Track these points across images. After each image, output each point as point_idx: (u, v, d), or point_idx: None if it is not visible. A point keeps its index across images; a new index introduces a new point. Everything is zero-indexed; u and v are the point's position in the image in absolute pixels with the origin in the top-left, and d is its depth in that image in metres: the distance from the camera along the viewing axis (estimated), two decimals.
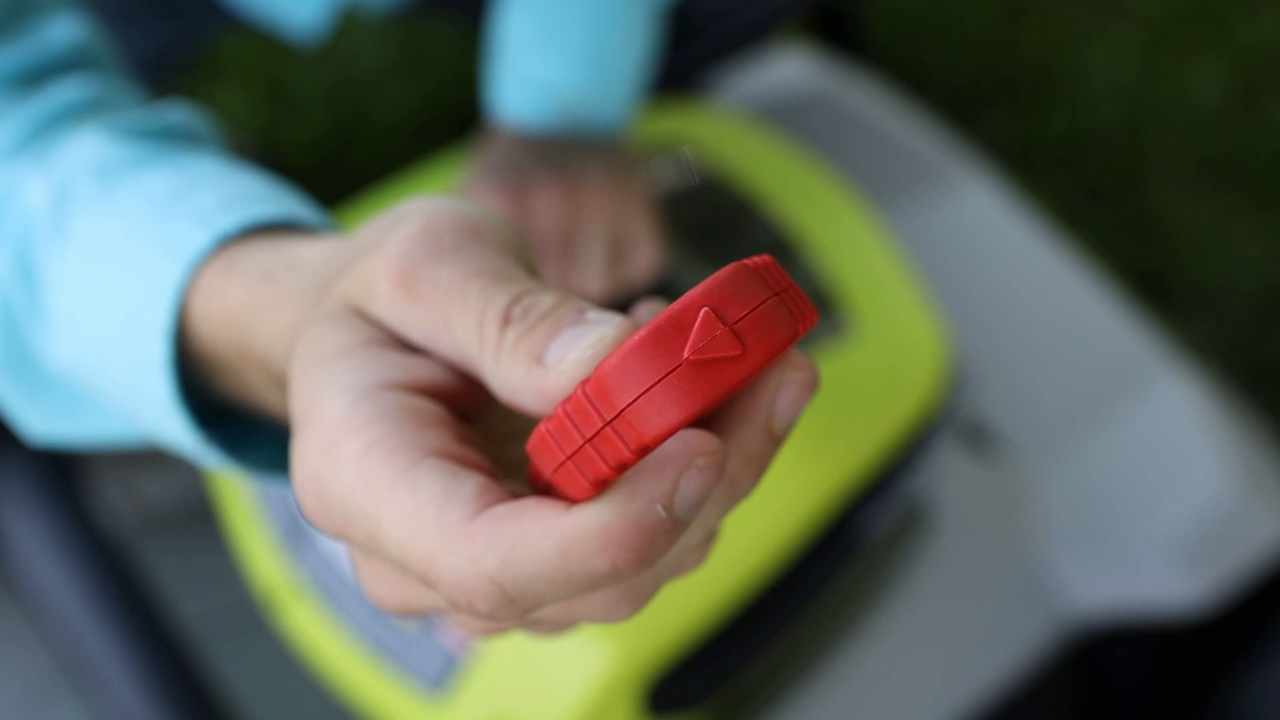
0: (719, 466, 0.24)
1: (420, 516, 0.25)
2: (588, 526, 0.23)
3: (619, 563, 0.23)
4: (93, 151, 0.36)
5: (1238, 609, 0.87)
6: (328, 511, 0.27)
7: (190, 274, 0.32)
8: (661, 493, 0.23)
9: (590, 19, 0.66)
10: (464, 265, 0.27)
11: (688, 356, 0.23)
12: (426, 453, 0.26)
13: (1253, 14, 1.58)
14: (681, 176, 0.76)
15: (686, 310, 0.23)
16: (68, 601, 0.67)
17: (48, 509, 0.69)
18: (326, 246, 0.31)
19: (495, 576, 0.24)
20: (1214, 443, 0.86)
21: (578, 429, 0.24)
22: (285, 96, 1.44)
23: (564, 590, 0.24)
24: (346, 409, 0.26)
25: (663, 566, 0.27)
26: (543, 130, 0.67)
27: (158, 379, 0.33)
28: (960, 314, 0.92)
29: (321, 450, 0.26)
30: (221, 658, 0.69)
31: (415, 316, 0.27)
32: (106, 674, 0.66)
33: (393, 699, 0.62)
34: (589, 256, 0.66)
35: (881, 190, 0.96)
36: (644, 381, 0.23)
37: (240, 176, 0.35)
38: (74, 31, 0.42)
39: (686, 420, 0.23)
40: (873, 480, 0.68)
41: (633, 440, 0.23)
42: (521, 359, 0.26)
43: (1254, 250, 1.40)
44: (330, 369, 0.27)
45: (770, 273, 0.25)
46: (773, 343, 0.24)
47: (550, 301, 0.27)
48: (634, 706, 0.61)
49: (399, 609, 0.28)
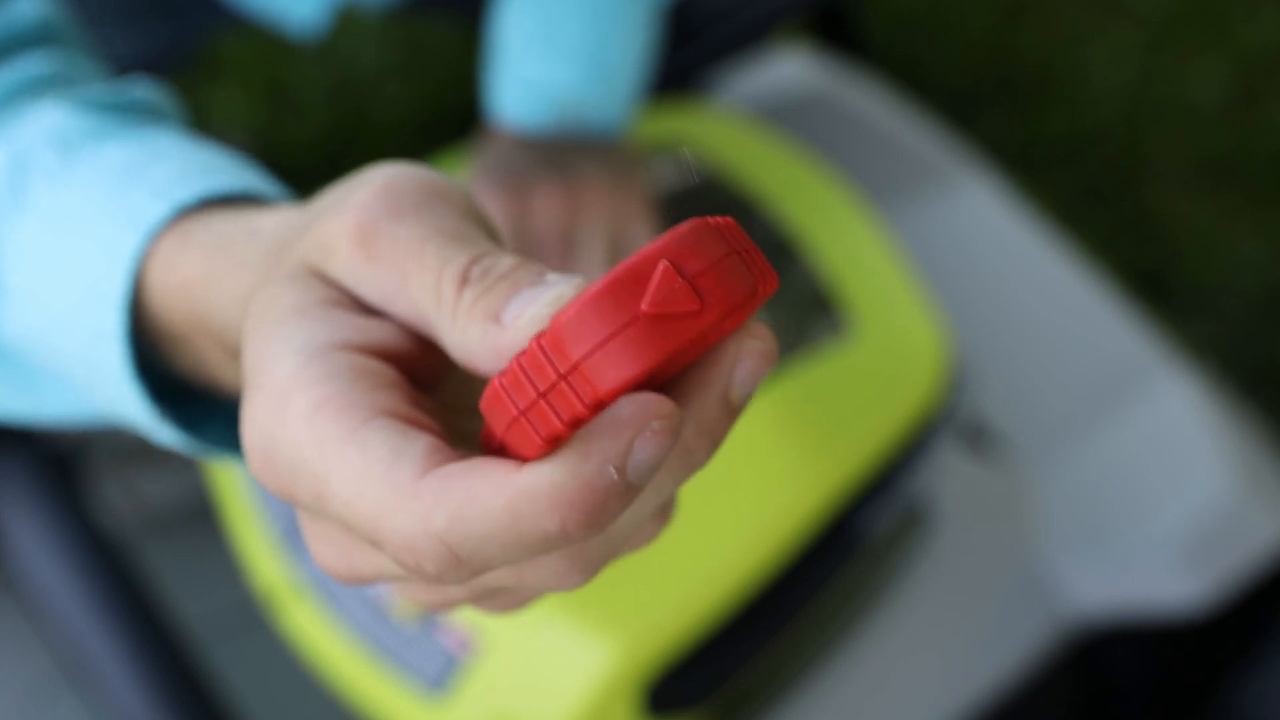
0: (674, 431, 0.23)
1: (368, 474, 0.24)
2: (539, 485, 0.23)
3: (569, 524, 0.23)
4: (53, 122, 0.36)
5: (1238, 609, 0.87)
6: (276, 471, 0.26)
7: (148, 243, 0.32)
8: (615, 454, 0.23)
9: (589, 20, 0.66)
10: (424, 224, 0.27)
11: (645, 309, 0.23)
12: (376, 412, 0.25)
13: (1253, 14, 1.59)
14: (681, 176, 0.76)
15: (645, 262, 0.23)
16: (68, 601, 0.67)
17: (48, 509, 0.69)
18: (284, 215, 0.31)
19: (444, 535, 0.24)
20: (1214, 443, 0.86)
21: (532, 382, 0.24)
22: (285, 96, 1.44)
23: (513, 551, 0.24)
24: (297, 368, 0.26)
25: (615, 535, 0.27)
26: (542, 131, 0.67)
27: (113, 349, 0.33)
28: (960, 314, 0.92)
29: (271, 408, 0.26)
30: (221, 658, 0.69)
31: (373, 275, 0.27)
32: (106, 674, 0.66)
33: (393, 699, 0.62)
34: (589, 257, 0.66)
35: (881, 190, 0.97)
36: (600, 334, 0.23)
37: (200, 150, 0.35)
38: (38, 7, 0.41)
39: (643, 374, 0.23)
40: (873, 480, 0.68)
41: (587, 394, 0.23)
42: (478, 318, 0.26)
43: (1254, 250, 1.40)
44: (283, 328, 0.27)
45: (731, 232, 0.24)
46: (731, 298, 0.23)
47: (509, 263, 0.26)
48: (634, 706, 0.62)
49: (346, 575, 0.28)
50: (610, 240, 0.66)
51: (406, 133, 1.42)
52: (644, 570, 0.61)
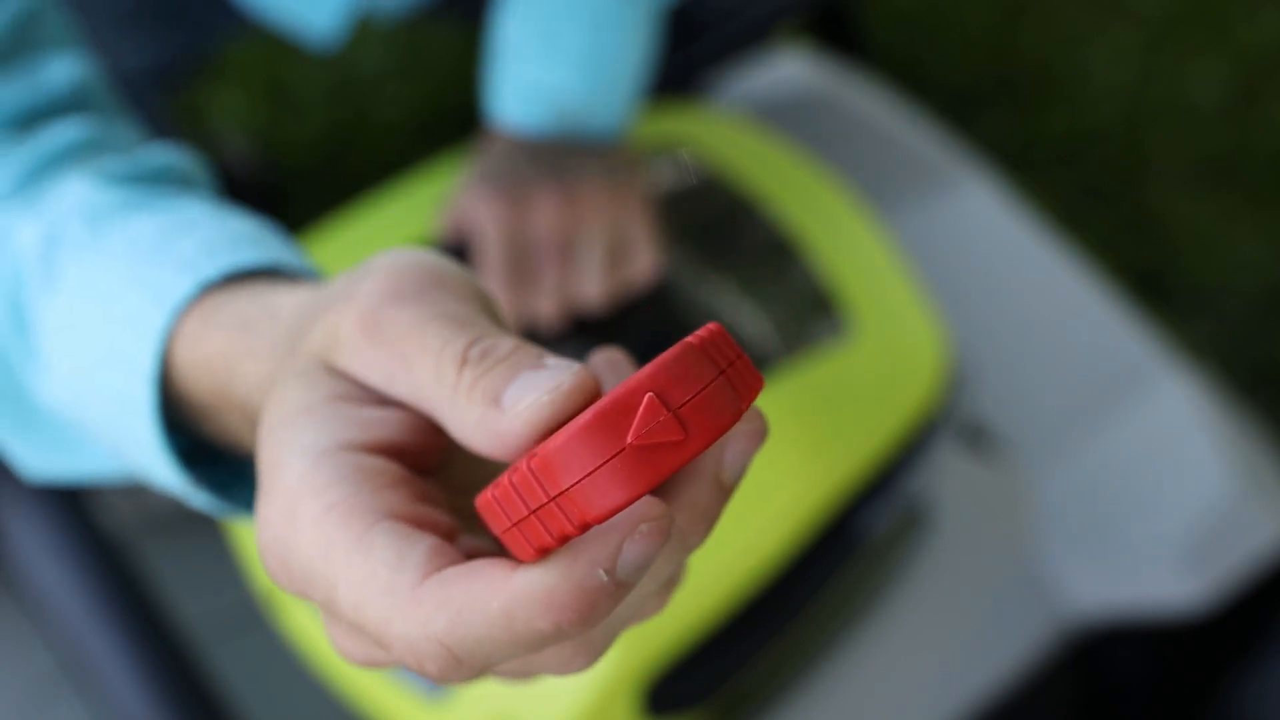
0: (664, 532, 0.24)
1: (373, 581, 0.25)
2: (532, 589, 0.24)
3: (563, 624, 0.24)
4: (82, 196, 0.37)
5: (1237, 609, 0.87)
6: (289, 573, 0.27)
7: (174, 320, 0.33)
8: (605, 558, 0.24)
9: (588, 25, 0.66)
10: (425, 308, 0.28)
11: (630, 442, 0.24)
12: (381, 515, 0.26)
13: (1253, 14, 1.59)
14: (681, 178, 0.76)
15: (631, 395, 0.24)
16: (68, 601, 0.67)
17: (48, 509, 0.69)
18: (300, 297, 0.32)
19: (443, 639, 0.25)
20: (1214, 443, 0.86)
21: (523, 501, 0.25)
22: (285, 97, 1.44)
23: (510, 650, 0.25)
24: (306, 472, 0.27)
25: (615, 620, 0.28)
26: (541, 134, 0.67)
27: (144, 422, 0.34)
28: (960, 314, 0.92)
29: (282, 513, 0.27)
30: (221, 658, 0.69)
31: (377, 358, 0.28)
32: (107, 674, 0.66)
33: (392, 699, 0.62)
34: (588, 260, 0.66)
35: (881, 190, 0.97)
36: (587, 464, 0.24)
37: (227, 220, 0.36)
38: (72, 71, 0.42)
39: (629, 502, 0.24)
40: (872, 480, 0.68)
41: (575, 517, 0.24)
42: (478, 400, 0.26)
43: (1254, 250, 1.40)
44: (291, 429, 0.28)
45: (718, 346, 0.25)
46: (715, 426, 0.24)
47: (509, 346, 0.27)
48: (633, 707, 0.62)
49: (365, 663, 0.29)
50: (609, 243, 0.67)
51: (406, 133, 1.42)
52: None
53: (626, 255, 0.68)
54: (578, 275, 0.66)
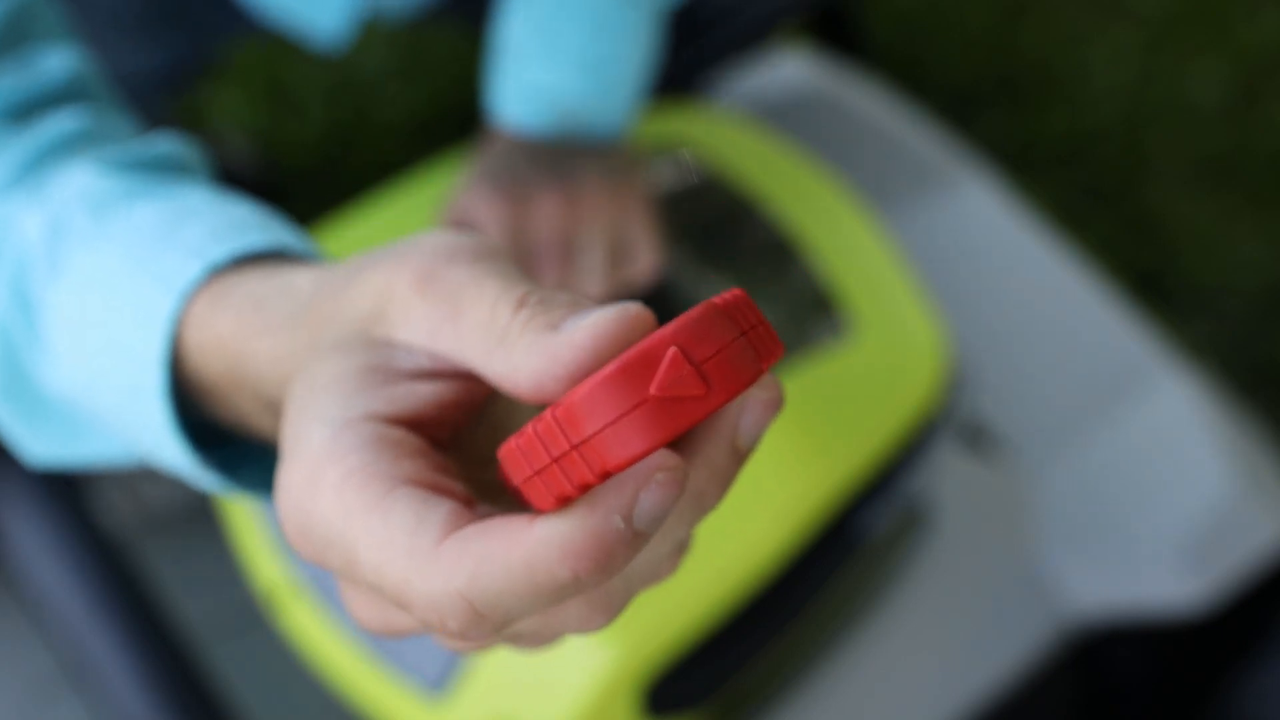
0: (679, 482, 0.25)
1: (393, 543, 0.26)
2: (551, 538, 0.25)
3: (581, 572, 0.24)
4: (85, 184, 0.37)
5: (1237, 609, 0.87)
6: (309, 539, 0.28)
7: (182, 304, 0.34)
8: (620, 505, 0.25)
9: (590, 26, 0.66)
10: (484, 267, 0.29)
11: (653, 393, 0.24)
12: (400, 481, 0.27)
13: (1253, 14, 1.59)
14: (681, 178, 0.76)
15: (656, 347, 0.25)
16: (69, 601, 0.67)
17: (49, 509, 0.69)
18: (319, 272, 0.32)
19: (464, 593, 0.25)
20: (1214, 443, 0.86)
21: (545, 449, 0.25)
22: (285, 97, 1.44)
23: (530, 602, 0.25)
24: (328, 439, 0.27)
25: (632, 576, 0.28)
26: (542, 135, 0.68)
27: (154, 407, 0.34)
28: (960, 314, 0.92)
29: (303, 480, 0.27)
30: (222, 658, 0.69)
31: (426, 313, 0.28)
32: (107, 674, 0.66)
33: (393, 699, 0.62)
34: (588, 261, 0.66)
35: (881, 190, 0.97)
36: (610, 413, 0.24)
37: (230, 207, 0.36)
38: (69, 62, 0.42)
39: (649, 451, 0.24)
40: (872, 480, 0.68)
41: (596, 465, 0.25)
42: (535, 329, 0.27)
43: (1254, 250, 1.40)
44: (317, 399, 0.28)
45: (740, 310, 0.26)
46: (736, 383, 0.25)
47: (569, 297, 0.28)
48: (633, 707, 0.62)
49: (384, 630, 0.29)
50: (609, 244, 0.67)
51: (407, 133, 1.43)
52: None
53: (627, 255, 0.68)
54: (578, 275, 0.66)
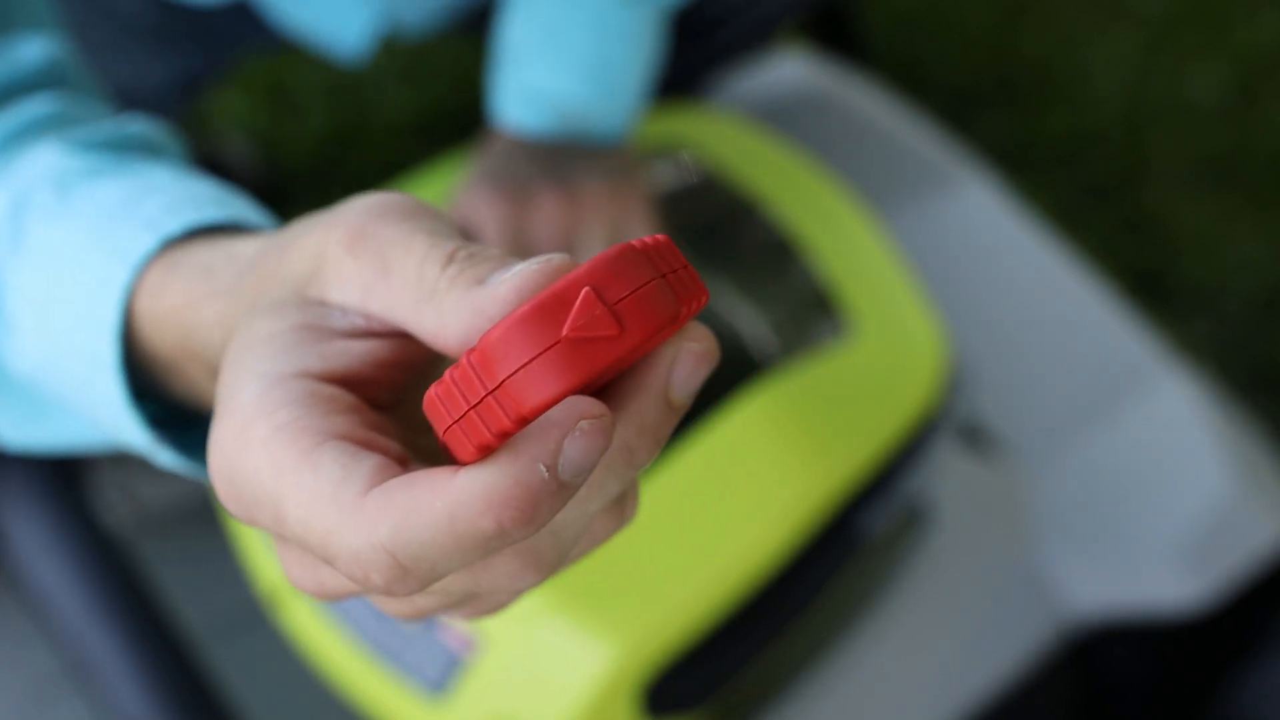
0: (604, 431, 0.24)
1: (319, 495, 0.26)
2: (474, 487, 0.24)
3: (505, 522, 0.24)
4: (50, 163, 0.37)
5: (1236, 609, 0.87)
6: (238, 495, 0.27)
7: (135, 275, 0.34)
8: (545, 453, 0.24)
9: (592, 29, 0.66)
10: (413, 224, 0.28)
11: (566, 334, 0.24)
12: (329, 435, 0.26)
13: (1252, 14, 1.59)
14: (681, 178, 0.76)
15: (569, 288, 0.24)
16: (69, 601, 0.67)
17: (50, 509, 0.69)
18: (262, 239, 0.32)
19: (388, 545, 0.25)
20: (1213, 443, 0.86)
21: (463, 395, 0.25)
22: (286, 98, 1.44)
23: (455, 555, 0.25)
24: (259, 394, 0.27)
25: (562, 531, 0.28)
26: (543, 137, 0.68)
27: (109, 378, 0.34)
28: (959, 314, 0.92)
29: (233, 433, 0.27)
30: (222, 658, 0.69)
31: (358, 271, 0.28)
32: (108, 674, 0.66)
33: (393, 699, 0.62)
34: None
35: (881, 191, 0.97)
36: (524, 355, 0.24)
37: (192, 183, 0.36)
38: (46, 50, 0.42)
39: (563, 394, 0.24)
40: (872, 480, 0.68)
41: (512, 410, 0.24)
42: (462, 284, 0.27)
43: (1253, 250, 1.40)
44: (251, 356, 0.28)
45: (660, 253, 0.26)
46: (651, 323, 0.25)
47: (496, 251, 0.28)
48: (633, 707, 0.62)
49: (318, 592, 0.29)
50: (608, 245, 0.67)
51: (407, 134, 1.43)
52: (644, 570, 0.61)
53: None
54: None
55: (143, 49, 0.85)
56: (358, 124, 1.43)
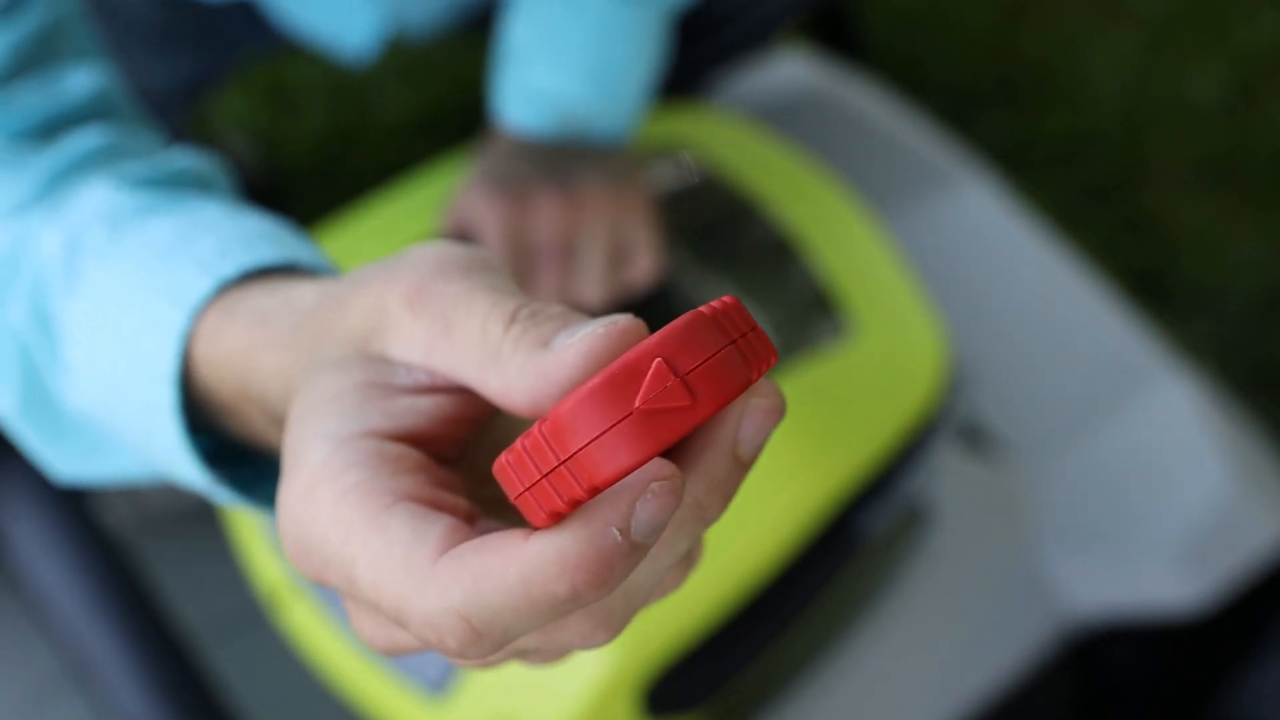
0: (675, 492, 0.24)
1: (390, 558, 0.26)
2: (547, 552, 0.24)
3: (579, 586, 0.24)
4: (102, 200, 0.37)
5: (1236, 609, 0.87)
6: (307, 555, 0.27)
7: (193, 320, 0.34)
8: (617, 517, 0.24)
9: (594, 30, 0.66)
10: (473, 281, 0.28)
11: (639, 406, 0.24)
12: (399, 497, 0.26)
13: (1252, 14, 1.59)
14: (681, 179, 0.76)
15: (640, 359, 0.24)
16: (69, 601, 0.67)
17: (50, 510, 0.69)
18: (320, 287, 0.32)
19: (462, 611, 0.25)
20: (1212, 443, 0.86)
21: (535, 464, 0.25)
22: (286, 97, 1.44)
23: (529, 619, 0.25)
24: (327, 455, 0.27)
25: (634, 590, 0.28)
26: (545, 138, 0.68)
27: (167, 422, 0.34)
28: (959, 314, 0.92)
29: (301, 495, 0.27)
30: (222, 658, 0.69)
31: (418, 331, 0.28)
32: (108, 674, 0.66)
33: (393, 699, 0.62)
34: (588, 264, 0.66)
35: (881, 191, 0.97)
36: (596, 427, 0.24)
37: (244, 220, 0.36)
38: (94, 80, 0.42)
39: (637, 465, 0.24)
40: (872, 480, 0.68)
41: (585, 480, 0.24)
42: (526, 346, 0.27)
43: (1253, 250, 1.40)
44: (317, 415, 0.28)
45: (730, 317, 0.25)
46: (723, 393, 0.24)
47: (559, 309, 0.27)
48: (633, 707, 0.62)
49: (388, 649, 0.29)
50: (610, 246, 0.67)
51: (408, 134, 1.43)
52: None
53: (627, 258, 0.68)
54: (578, 278, 0.66)
55: (147, 51, 0.85)
56: (358, 124, 1.43)
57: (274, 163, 1.40)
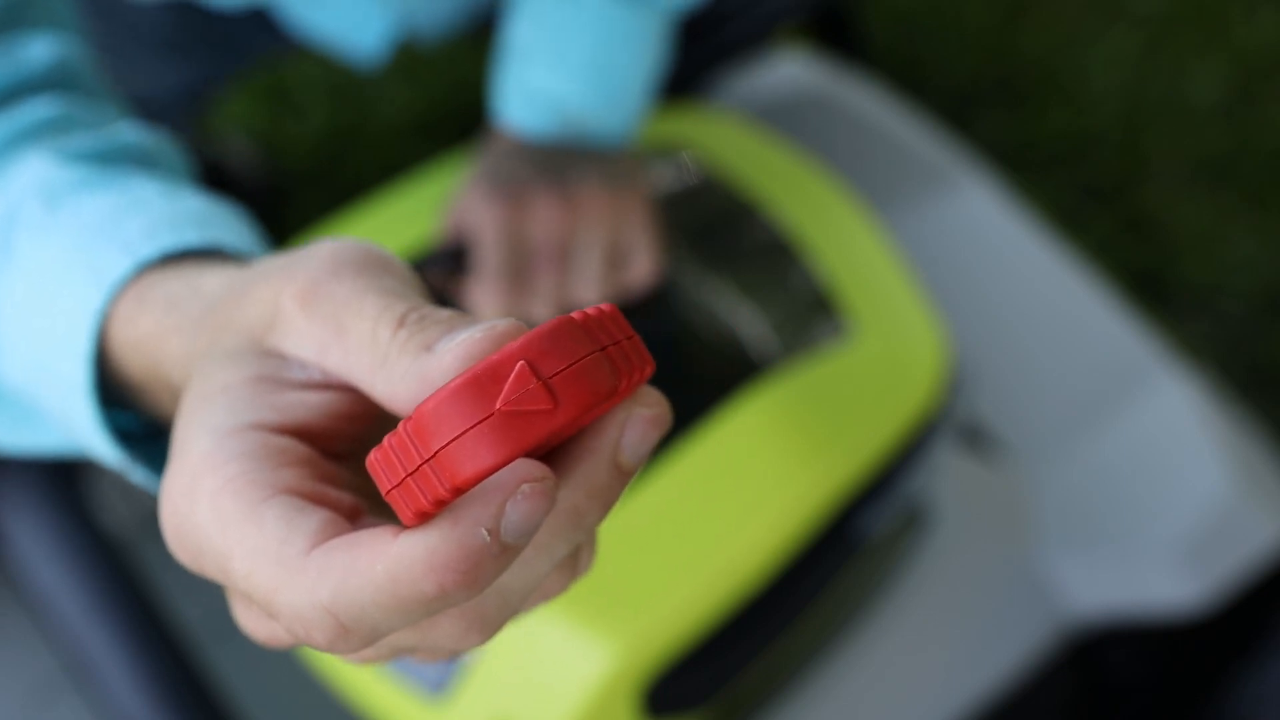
0: (546, 495, 0.24)
1: (264, 551, 0.26)
2: (415, 551, 0.24)
3: (446, 585, 0.24)
4: (40, 174, 0.37)
5: (1236, 609, 0.87)
6: (185, 546, 0.27)
7: (109, 300, 0.34)
8: (486, 517, 0.24)
9: (596, 32, 0.66)
10: (364, 282, 0.28)
11: (499, 407, 0.24)
12: (278, 490, 0.26)
13: (1251, 14, 1.59)
14: (681, 180, 0.76)
15: (504, 361, 0.24)
16: (69, 601, 0.67)
17: (49, 509, 0.69)
18: (227, 275, 0.32)
19: (329, 606, 0.25)
20: (1211, 443, 0.86)
21: (400, 463, 0.25)
22: (286, 98, 1.44)
23: (397, 616, 0.25)
24: (211, 447, 0.27)
25: (509, 593, 0.28)
26: (544, 139, 0.68)
27: (81, 401, 0.34)
28: (959, 315, 0.92)
29: (182, 486, 0.27)
30: (222, 658, 0.69)
31: (311, 330, 0.28)
32: (107, 674, 0.66)
33: (393, 699, 0.62)
34: (586, 265, 0.66)
35: (880, 191, 0.97)
36: (458, 426, 0.24)
37: (178, 200, 0.36)
38: (54, 50, 0.42)
39: (497, 466, 0.24)
40: (872, 481, 0.68)
41: (447, 480, 0.24)
42: (411, 350, 0.27)
43: (1252, 250, 1.40)
44: (204, 408, 0.28)
45: (604, 324, 0.26)
46: (585, 398, 0.24)
47: (447, 314, 0.28)
48: (633, 707, 0.62)
49: (268, 640, 0.29)
50: (608, 248, 0.67)
51: (407, 134, 1.43)
52: (644, 570, 0.61)
53: (625, 260, 0.68)
54: (575, 279, 0.66)
55: (156, 58, 0.85)
56: (358, 124, 1.43)
57: (274, 163, 1.40)
